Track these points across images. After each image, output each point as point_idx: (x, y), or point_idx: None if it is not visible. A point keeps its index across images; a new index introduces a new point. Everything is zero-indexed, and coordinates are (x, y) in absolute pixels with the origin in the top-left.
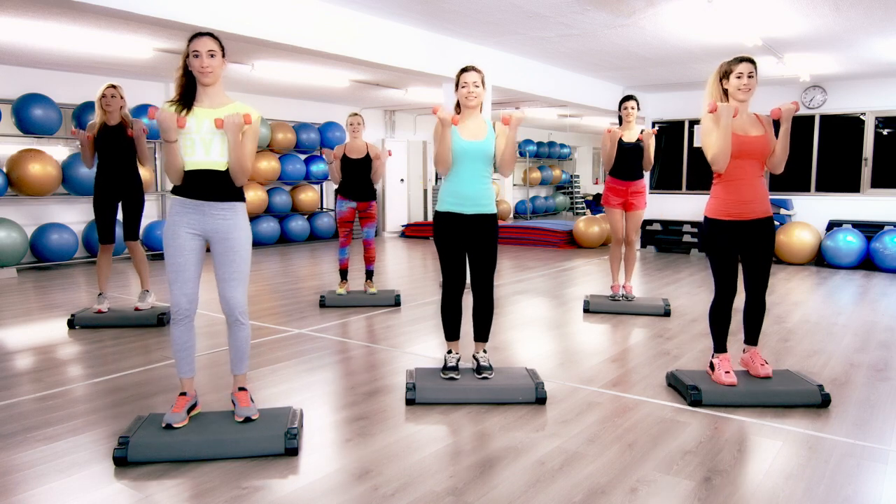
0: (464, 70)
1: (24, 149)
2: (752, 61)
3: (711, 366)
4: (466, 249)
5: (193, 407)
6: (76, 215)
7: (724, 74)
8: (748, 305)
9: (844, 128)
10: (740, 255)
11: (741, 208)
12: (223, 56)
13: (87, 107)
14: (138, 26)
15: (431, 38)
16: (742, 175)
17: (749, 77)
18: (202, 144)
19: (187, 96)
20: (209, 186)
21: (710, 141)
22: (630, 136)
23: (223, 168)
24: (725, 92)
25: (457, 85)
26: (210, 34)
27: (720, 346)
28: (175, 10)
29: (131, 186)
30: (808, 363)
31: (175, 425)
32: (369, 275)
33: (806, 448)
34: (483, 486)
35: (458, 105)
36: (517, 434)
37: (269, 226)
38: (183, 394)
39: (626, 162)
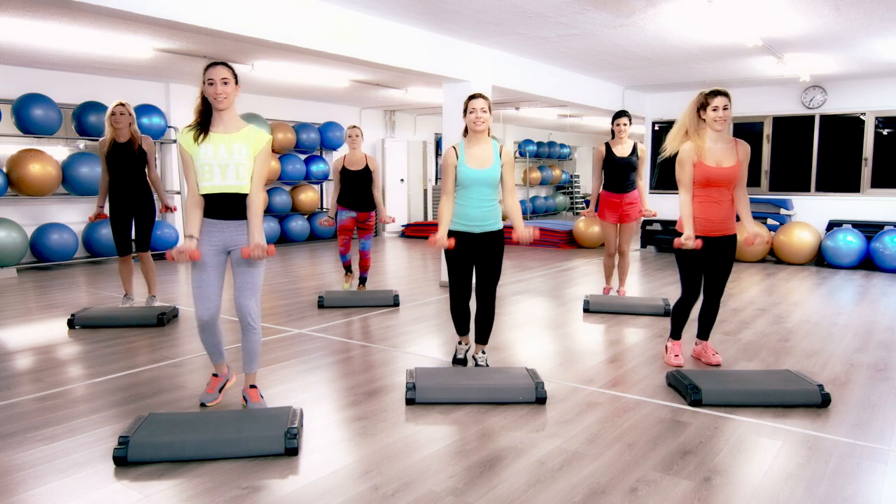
0: (472, 97)
1: (24, 149)
2: (727, 95)
3: (666, 349)
4: (474, 262)
5: (225, 385)
6: (76, 215)
7: (702, 105)
8: (704, 308)
9: (844, 128)
10: (704, 265)
11: (707, 226)
12: (236, 83)
13: (88, 107)
14: (138, 26)
15: (431, 38)
16: (709, 199)
17: (724, 110)
18: (219, 169)
19: (204, 122)
20: (226, 207)
21: (683, 175)
22: (622, 151)
23: (238, 191)
24: (704, 121)
25: (465, 111)
26: (224, 63)
27: (676, 334)
28: (175, 10)
29: (143, 201)
30: (808, 363)
31: (209, 404)
32: (363, 280)
33: (806, 448)
34: (483, 486)
35: (465, 129)
36: (517, 434)
37: (269, 226)
38: (215, 375)
39: (618, 175)
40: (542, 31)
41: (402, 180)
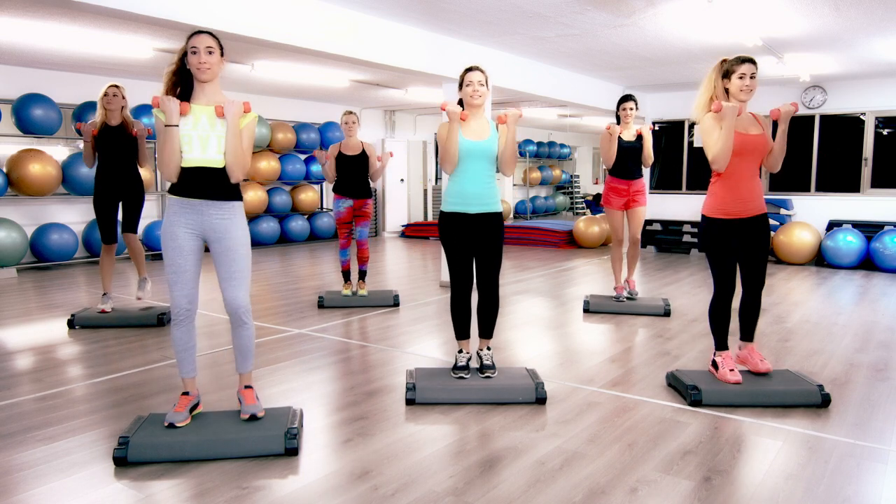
0: (469, 69)
1: (24, 149)
2: (754, 62)
3: (714, 364)
4: (473, 248)
5: (195, 406)
6: (76, 215)
7: (725, 74)
8: (745, 303)
9: (844, 128)
10: (738, 253)
11: (739, 206)
12: (222, 55)
13: (88, 107)
14: (138, 26)
15: (431, 38)
16: (740, 173)
17: (752, 78)
18: (199, 141)
19: (184, 94)
20: (206, 184)
21: (712, 140)
22: (629, 136)
23: (220, 165)
24: (726, 91)
25: (461, 84)
26: (209, 32)
27: (722, 343)
28: (175, 10)
29: (132, 186)
30: (808, 363)
31: (177, 424)
32: (362, 275)
33: (806, 448)
34: (483, 486)
35: (461, 104)
36: (517, 434)
37: (269, 226)
38: (185, 393)
39: (626, 161)
40: (542, 31)
41: (402, 180)
